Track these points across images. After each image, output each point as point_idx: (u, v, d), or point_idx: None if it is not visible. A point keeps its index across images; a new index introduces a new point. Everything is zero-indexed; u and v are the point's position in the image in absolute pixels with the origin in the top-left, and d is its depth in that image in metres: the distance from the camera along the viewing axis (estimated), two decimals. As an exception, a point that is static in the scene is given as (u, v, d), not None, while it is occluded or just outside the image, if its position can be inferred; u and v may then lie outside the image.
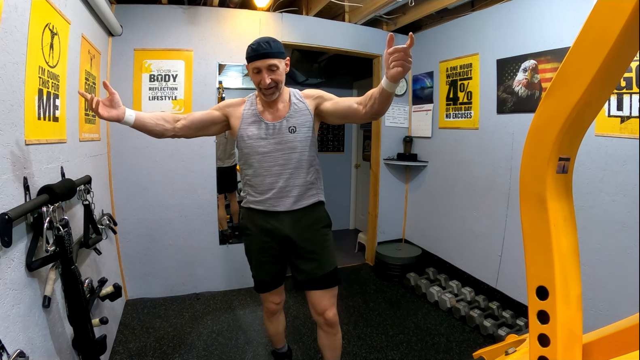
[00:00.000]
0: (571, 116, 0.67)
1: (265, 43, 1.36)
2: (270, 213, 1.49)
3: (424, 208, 3.24)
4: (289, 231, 1.48)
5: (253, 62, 1.38)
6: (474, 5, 2.68)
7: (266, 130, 1.46)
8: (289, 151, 1.45)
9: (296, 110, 1.48)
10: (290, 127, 1.45)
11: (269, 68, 1.37)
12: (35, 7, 1.21)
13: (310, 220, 1.51)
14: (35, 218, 1.14)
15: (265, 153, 1.45)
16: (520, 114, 2.29)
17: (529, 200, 0.75)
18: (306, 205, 1.50)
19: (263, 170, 1.46)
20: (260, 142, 1.45)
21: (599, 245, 1.83)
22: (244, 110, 1.50)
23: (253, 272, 1.62)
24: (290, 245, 1.51)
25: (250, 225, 1.55)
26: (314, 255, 1.50)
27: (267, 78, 1.37)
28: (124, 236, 2.56)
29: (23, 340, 1.04)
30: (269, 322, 1.75)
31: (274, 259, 1.55)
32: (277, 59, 1.38)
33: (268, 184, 1.46)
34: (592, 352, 0.75)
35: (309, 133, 1.48)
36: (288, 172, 1.46)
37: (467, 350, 2.10)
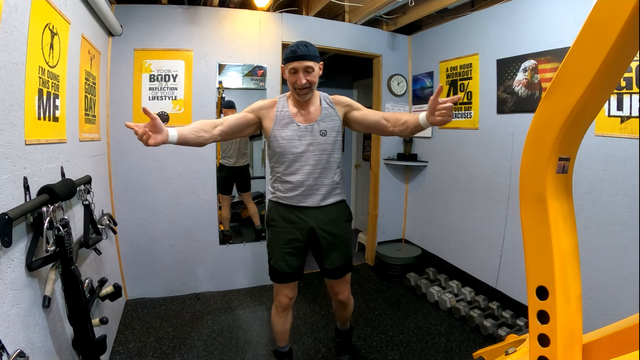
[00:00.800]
0: (571, 116, 0.67)
1: (303, 46, 1.50)
2: (298, 208, 1.62)
3: (424, 208, 3.24)
4: (314, 224, 1.62)
5: (291, 62, 1.50)
6: (474, 5, 2.68)
7: (299, 132, 1.57)
8: (319, 153, 1.58)
9: (327, 114, 1.61)
10: (321, 131, 1.58)
11: (305, 69, 1.50)
12: (35, 7, 1.21)
13: (333, 215, 1.66)
14: (35, 218, 1.14)
15: (298, 153, 1.57)
16: (520, 114, 2.29)
17: (529, 200, 0.75)
18: (331, 202, 1.65)
19: (294, 169, 1.58)
20: (293, 142, 1.57)
21: (599, 245, 1.83)
22: (277, 112, 1.60)
23: (272, 262, 1.68)
24: (313, 237, 1.65)
25: (276, 218, 1.66)
26: (335, 247, 1.67)
27: (303, 78, 1.49)
28: (124, 236, 2.56)
29: (23, 340, 1.04)
30: (278, 318, 1.77)
31: (297, 251, 1.65)
32: (313, 61, 1.51)
33: (298, 182, 1.58)
34: (592, 352, 0.75)
35: (338, 137, 1.62)
36: (317, 171, 1.59)
37: (467, 350, 2.10)
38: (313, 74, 1.52)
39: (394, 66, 3.29)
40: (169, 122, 2.59)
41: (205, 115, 2.67)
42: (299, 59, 1.48)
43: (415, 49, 3.30)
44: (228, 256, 2.86)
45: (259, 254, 2.95)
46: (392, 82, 3.28)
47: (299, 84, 1.49)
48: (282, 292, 1.70)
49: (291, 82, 1.53)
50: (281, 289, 1.70)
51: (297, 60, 1.49)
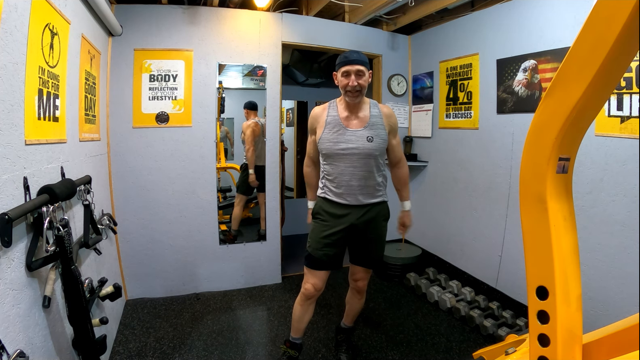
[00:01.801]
0: (571, 116, 0.67)
1: (355, 53, 1.67)
2: (342, 205, 1.73)
3: (424, 208, 3.24)
4: (355, 221, 1.73)
5: (344, 66, 1.64)
6: (474, 5, 2.68)
7: (347, 135, 1.68)
8: (365, 157, 1.68)
9: (374, 123, 1.71)
10: (368, 137, 1.68)
11: (357, 73, 1.62)
12: (35, 7, 1.21)
13: (374, 214, 1.77)
14: (35, 218, 1.14)
15: (344, 155, 1.68)
16: (520, 114, 2.29)
17: (529, 200, 0.75)
18: (374, 202, 1.75)
19: (340, 170, 1.70)
20: (340, 145, 1.67)
21: (599, 245, 1.83)
22: (327, 117, 1.73)
23: (311, 250, 1.79)
24: (353, 232, 1.76)
25: (322, 212, 1.78)
26: (371, 242, 1.81)
27: (355, 81, 1.62)
28: (124, 236, 2.56)
29: (23, 340, 1.04)
30: (300, 306, 1.83)
31: (336, 243, 1.76)
32: (364, 67, 1.64)
33: (344, 182, 1.70)
34: (592, 352, 0.75)
35: (383, 145, 1.72)
36: (362, 174, 1.69)
37: (467, 350, 2.10)
38: (364, 78, 1.64)
39: (394, 66, 3.29)
40: (168, 122, 2.59)
41: (205, 115, 2.67)
42: (352, 63, 1.62)
43: (415, 49, 3.30)
44: (228, 256, 2.86)
45: (260, 254, 2.95)
46: (392, 82, 3.28)
47: (352, 85, 1.61)
48: (311, 280, 1.78)
49: (343, 85, 1.65)
50: (310, 277, 1.78)
51: (349, 64, 1.62)
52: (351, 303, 2.00)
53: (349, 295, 2.01)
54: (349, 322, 2.04)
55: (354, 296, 1.97)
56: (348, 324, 2.05)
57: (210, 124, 2.70)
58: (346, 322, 2.05)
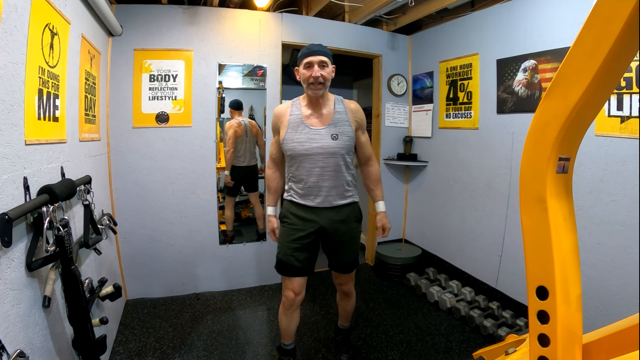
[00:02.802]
0: (571, 116, 0.67)
1: (317, 45, 1.61)
2: (310, 207, 1.66)
3: (424, 208, 3.24)
4: (325, 223, 1.67)
5: (306, 57, 1.58)
6: (474, 5, 2.68)
7: (310, 134, 1.61)
8: (329, 156, 1.61)
9: (339, 119, 1.65)
10: (332, 135, 1.61)
11: (320, 64, 1.57)
12: (35, 7, 1.21)
13: (344, 215, 1.70)
14: (35, 218, 1.14)
15: (308, 156, 1.61)
16: (520, 114, 2.29)
17: (529, 200, 0.75)
18: (343, 203, 1.69)
19: (305, 171, 1.63)
20: (304, 144, 1.61)
21: (599, 245, 1.83)
22: (290, 116, 1.66)
23: (280, 255, 1.73)
24: (324, 235, 1.71)
25: (289, 215, 1.72)
26: (344, 244, 1.74)
27: (318, 71, 1.56)
28: (124, 236, 2.56)
29: (23, 340, 1.04)
30: (284, 315, 1.79)
31: (306, 247, 1.70)
32: (327, 58, 1.59)
33: (311, 183, 1.63)
34: (592, 352, 0.75)
35: (350, 142, 1.66)
36: (328, 174, 1.63)
37: (467, 350, 2.10)
38: (327, 69, 1.59)
39: (394, 66, 3.29)
40: (168, 122, 2.59)
41: (205, 115, 2.67)
42: (314, 54, 1.57)
43: (415, 49, 3.30)
44: (228, 256, 2.86)
45: (259, 254, 2.95)
46: (392, 82, 3.28)
47: (315, 76, 1.55)
48: (288, 286, 1.73)
49: (306, 78, 1.58)
50: (288, 284, 1.73)
51: (312, 54, 1.57)
52: (341, 305, 1.98)
53: (338, 297, 1.99)
54: (344, 322, 2.03)
55: (343, 298, 1.95)
56: (344, 324, 2.04)
57: (210, 124, 2.70)
58: (342, 323, 2.04)
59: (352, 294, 1.93)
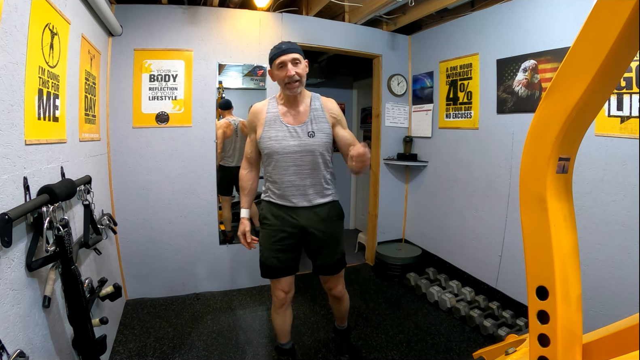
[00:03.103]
0: (571, 116, 0.67)
1: (286, 42, 1.58)
2: (289, 207, 1.63)
3: (424, 208, 3.24)
4: (305, 223, 1.64)
5: (278, 57, 1.53)
6: (474, 5, 2.68)
7: (287, 132, 1.58)
8: (306, 153, 1.58)
9: (316, 117, 1.61)
10: (309, 132, 1.58)
11: (293, 61, 1.53)
12: (35, 7, 1.21)
13: (324, 214, 1.66)
14: (35, 218, 1.14)
15: (285, 154, 1.58)
16: (520, 114, 2.29)
17: (529, 200, 0.75)
18: (322, 202, 1.65)
19: (282, 170, 1.60)
20: (281, 143, 1.58)
21: (599, 245, 1.83)
22: (267, 114, 1.63)
23: (263, 258, 1.72)
24: (305, 236, 1.67)
25: (269, 216, 1.69)
26: (327, 244, 1.68)
27: (292, 70, 1.51)
28: (124, 236, 2.56)
29: (23, 340, 1.04)
30: (276, 315, 1.78)
31: (287, 248, 1.67)
32: (299, 54, 1.55)
33: (288, 182, 1.60)
34: (592, 352, 0.75)
35: (327, 139, 1.62)
36: (306, 172, 1.60)
37: (467, 350, 2.10)
38: (301, 66, 1.55)
39: (394, 66, 3.29)
40: (168, 122, 2.59)
41: (205, 115, 2.67)
42: (285, 52, 1.53)
43: (415, 49, 3.30)
44: (228, 256, 2.86)
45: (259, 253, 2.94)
46: (392, 82, 3.28)
47: (289, 75, 1.51)
48: (277, 287, 1.72)
49: (281, 78, 1.55)
50: (276, 284, 1.72)
51: (283, 54, 1.53)
52: (335, 307, 1.94)
53: (330, 300, 1.93)
54: (341, 322, 2.00)
55: (335, 302, 1.89)
56: (341, 324, 2.01)
57: (210, 124, 2.70)
58: (339, 323, 2.02)
59: (344, 297, 1.87)
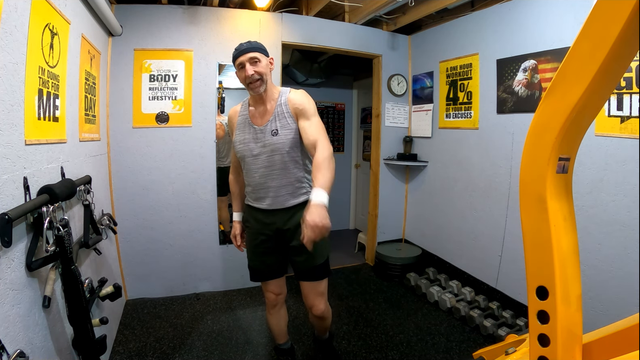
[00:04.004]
0: (571, 116, 0.67)
1: (245, 42, 1.51)
2: (264, 210, 1.58)
3: (424, 208, 3.24)
4: (281, 225, 1.57)
5: (236, 59, 1.50)
6: (474, 5, 2.68)
7: (254, 134, 1.54)
8: (271, 153, 1.51)
9: (279, 113, 1.53)
10: (272, 130, 1.51)
11: (251, 60, 1.47)
12: (35, 7, 1.21)
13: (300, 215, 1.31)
14: (35, 218, 1.14)
15: (254, 156, 1.54)
16: (520, 114, 2.29)
17: (529, 200, 0.75)
18: (298, 203, 1.56)
19: (253, 172, 1.56)
20: (249, 145, 1.55)
21: (599, 245, 1.83)
22: (239, 117, 1.61)
23: (249, 261, 1.70)
24: (285, 239, 1.59)
25: (250, 219, 1.66)
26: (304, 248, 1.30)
27: (250, 69, 1.46)
28: (124, 236, 2.56)
29: (23, 340, 1.04)
30: (270, 315, 1.77)
31: (270, 251, 1.63)
32: (257, 52, 1.49)
33: (259, 185, 1.56)
34: (592, 352, 0.75)
35: (292, 135, 1.51)
36: (275, 173, 1.53)
37: (467, 350, 2.10)
38: (260, 64, 1.48)
39: (394, 66, 3.29)
40: (168, 122, 2.59)
41: (205, 115, 2.67)
42: (243, 53, 1.48)
43: (415, 49, 3.30)
44: (228, 256, 2.86)
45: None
46: (392, 82, 3.28)
47: (248, 75, 1.46)
48: (267, 289, 1.72)
49: (242, 80, 1.51)
50: (265, 287, 1.72)
51: (240, 55, 1.48)
52: (315, 324, 1.79)
53: (310, 317, 1.75)
54: (322, 333, 1.86)
55: (315, 319, 1.72)
56: (322, 335, 1.87)
57: (210, 124, 2.70)
58: (320, 334, 1.88)
59: (326, 316, 1.69)
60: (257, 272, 1.69)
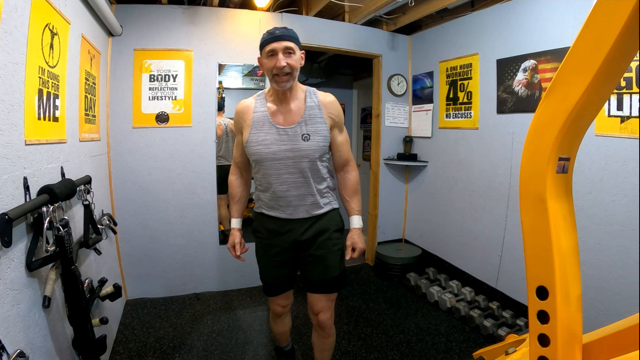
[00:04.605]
0: (571, 116, 0.67)
1: (281, 28, 1.34)
2: (281, 219, 1.45)
3: (424, 208, 3.24)
4: (299, 236, 1.45)
5: (268, 44, 1.32)
6: (474, 5, 2.68)
7: (277, 135, 1.36)
8: (300, 159, 1.36)
9: (311, 116, 1.38)
10: (304, 135, 1.36)
11: (285, 50, 1.31)
12: (35, 7, 1.21)
13: (322, 226, 1.46)
14: (35, 218, 1.14)
15: (276, 160, 1.37)
16: (520, 114, 2.29)
17: (529, 200, 0.75)
18: (319, 213, 1.46)
19: (273, 178, 1.39)
20: (270, 147, 1.36)
21: (599, 245, 1.83)
22: (254, 113, 1.41)
23: (262, 275, 1.60)
24: (300, 249, 1.48)
25: (261, 229, 1.53)
26: (322, 259, 1.46)
27: (283, 60, 1.29)
28: (124, 236, 2.56)
29: (23, 340, 1.04)
30: (274, 323, 1.73)
31: (283, 263, 1.52)
32: (293, 43, 1.33)
33: (279, 192, 1.40)
34: (592, 352, 0.75)
35: (324, 143, 1.39)
36: (300, 181, 1.39)
37: (467, 350, 2.10)
38: (294, 57, 1.33)
39: (394, 66, 3.29)
40: (168, 122, 2.59)
41: (205, 115, 2.67)
42: (278, 39, 1.30)
43: (415, 49, 3.30)
44: (228, 256, 2.84)
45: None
46: (392, 82, 3.28)
47: (279, 66, 1.29)
48: (275, 302, 1.62)
49: (269, 68, 1.33)
50: (274, 300, 1.62)
51: (275, 41, 1.30)
52: (317, 344, 1.62)
53: (312, 334, 1.65)
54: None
55: (319, 335, 1.59)
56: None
57: (210, 124, 2.70)
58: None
59: (330, 330, 1.57)
60: (270, 286, 1.58)
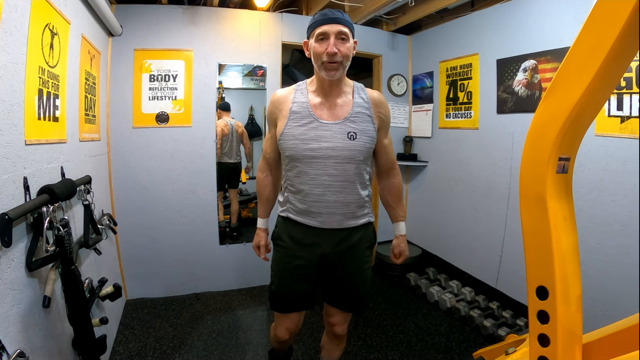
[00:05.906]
0: (571, 116, 0.67)
1: (336, 10, 1.20)
2: (311, 228, 1.28)
3: (424, 208, 3.24)
4: (329, 250, 1.29)
5: (319, 26, 1.17)
6: (474, 5, 2.68)
7: (319, 130, 1.21)
8: (345, 161, 1.22)
9: (359, 113, 1.25)
10: (350, 133, 1.21)
11: (339, 35, 1.16)
12: (35, 7, 1.21)
13: (355, 240, 1.31)
14: (35, 218, 1.14)
15: (314, 158, 1.21)
16: (520, 114, 2.29)
17: (529, 200, 0.75)
18: (354, 225, 1.30)
19: (309, 179, 1.24)
20: (310, 144, 1.21)
21: (599, 245, 1.83)
22: (293, 104, 1.26)
23: (274, 288, 1.38)
24: (326, 264, 1.32)
25: (284, 237, 1.35)
26: (350, 278, 1.35)
27: (335, 45, 1.15)
28: (124, 236, 2.56)
29: (23, 340, 1.04)
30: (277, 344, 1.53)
31: (305, 279, 1.33)
32: (348, 28, 1.19)
33: (315, 196, 1.24)
34: (592, 352, 0.75)
35: (370, 144, 1.26)
36: (339, 184, 1.23)
37: (467, 350, 2.10)
38: (347, 44, 1.18)
39: (394, 66, 3.29)
40: (168, 122, 2.59)
41: (205, 115, 2.67)
42: (331, 22, 1.15)
43: (415, 49, 3.30)
44: (228, 256, 2.86)
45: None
46: (392, 82, 3.28)
47: (330, 51, 1.14)
48: (283, 323, 1.40)
49: (318, 53, 1.18)
50: (282, 321, 1.41)
51: (328, 23, 1.15)
52: (328, 349, 1.55)
53: (324, 338, 1.56)
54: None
55: (331, 341, 1.52)
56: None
57: (210, 124, 2.70)
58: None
59: (344, 338, 1.51)
60: (284, 301, 1.37)
